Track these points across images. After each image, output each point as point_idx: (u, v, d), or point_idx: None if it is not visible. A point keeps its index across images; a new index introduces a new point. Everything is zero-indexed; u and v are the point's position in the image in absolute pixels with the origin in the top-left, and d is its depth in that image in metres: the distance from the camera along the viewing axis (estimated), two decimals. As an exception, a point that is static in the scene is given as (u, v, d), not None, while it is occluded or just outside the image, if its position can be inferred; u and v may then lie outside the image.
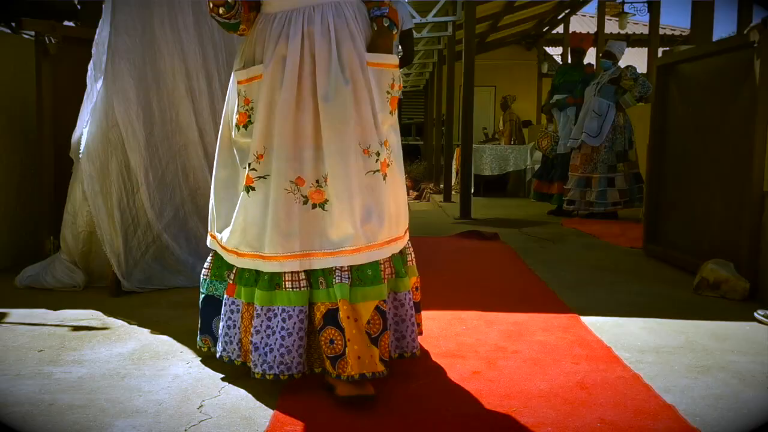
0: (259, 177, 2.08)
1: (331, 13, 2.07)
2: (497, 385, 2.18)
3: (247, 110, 2.14)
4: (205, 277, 2.35)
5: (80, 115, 3.38)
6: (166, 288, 3.51)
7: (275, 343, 2.04)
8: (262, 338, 2.06)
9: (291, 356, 2.04)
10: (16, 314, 3.01)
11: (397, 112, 2.22)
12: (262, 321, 2.07)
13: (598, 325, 2.93)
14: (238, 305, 2.17)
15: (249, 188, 2.10)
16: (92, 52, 3.31)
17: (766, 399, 2.12)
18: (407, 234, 2.33)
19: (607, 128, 6.88)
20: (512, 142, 11.78)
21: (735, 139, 3.71)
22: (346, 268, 2.06)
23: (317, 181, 2.06)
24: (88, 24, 5.01)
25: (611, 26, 14.57)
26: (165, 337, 2.70)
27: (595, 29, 13.19)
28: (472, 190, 7.95)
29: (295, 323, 2.05)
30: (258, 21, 2.16)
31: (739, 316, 3.11)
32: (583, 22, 17.00)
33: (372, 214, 2.08)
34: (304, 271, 2.07)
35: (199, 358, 2.44)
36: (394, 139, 2.22)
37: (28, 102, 4.01)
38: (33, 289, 3.47)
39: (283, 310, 2.05)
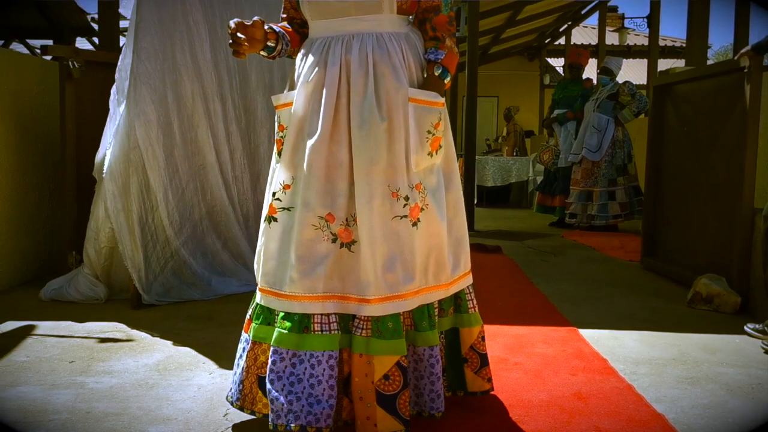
0: (283, 208, 1.97)
1: (371, 43, 1.97)
2: (500, 396, 2.34)
3: (281, 137, 2.05)
4: None
5: (103, 137, 3.56)
6: (182, 301, 3.67)
7: (303, 392, 1.87)
8: (285, 386, 1.88)
9: (321, 407, 1.86)
10: (44, 326, 3.18)
11: (443, 151, 2.07)
12: (286, 366, 1.89)
13: (596, 337, 3.09)
14: (248, 341, 2.03)
15: (271, 218, 2.00)
16: (115, 77, 3.50)
17: (751, 408, 2.28)
18: (462, 280, 2.17)
19: (606, 143, 7.04)
20: (515, 153, 11.95)
21: (727, 158, 3.87)
22: (364, 317, 1.93)
23: (347, 220, 1.94)
24: (104, 41, 5.22)
25: (612, 38, 14.75)
26: (187, 349, 2.87)
27: (596, 41, 13.39)
28: (475, 201, 8.11)
29: (324, 370, 1.88)
30: (303, 46, 2.10)
31: (730, 329, 3.27)
32: (584, 34, 17.19)
33: (396, 262, 1.93)
34: (335, 313, 1.94)
35: (221, 369, 2.61)
36: (434, 182, 2.04)
37: (50, 122, 4.21)
38: (57, 301, 3.65)
39: (312, 356, 1.89)
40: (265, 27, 2.03)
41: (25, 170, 4.13)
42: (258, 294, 2.04)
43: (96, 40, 8.47)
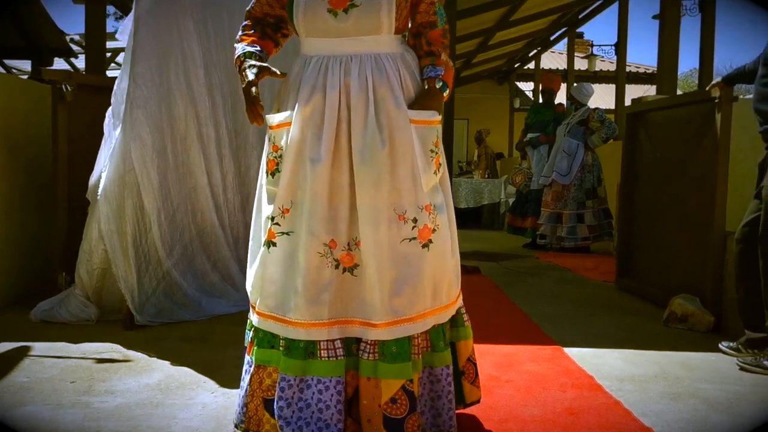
0: (283, 233, 1.96)
1: (369, 65, 1.96)
2: (496, 412, 2.44)
3: (275, 157, 2.02)
4: None
5: (98, 159, 3.61)
6: (174, 322, 3.71)
7: (311, 417, 1.90)
8: (294, 412, 1.91)
9: (330, 431, 1.91)
10: (39, 347, 3.20)
11: (442, 169, 2.09)
12: (294, 393, 1.92)
13: (580, 355, 3.21)
14: (250, 364, 2.05)
15: (270, 243, 1.98)
16: (111, 101, 3.56)
17: (732, 422, 2.42)
18: (458, 300, 2.19)
19: (576, 167, 7.25)
20: (487, 176, 12.17)
21: (699, 183, 4.06)
22: (370, 341, 1.94)
23: (348, 244, 1.94)
24: (91, 63, 5.27)
25: (580, 63, 15.13)
26: (186, 369, 2.92)
27: (565, 66, 13.74)
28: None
29: (332, 395, 1.91)
30: (295, 63, 2.07)
31: (706, 347, 3.42)
32: (553, 59, 17.59)
33: (404, 286, 1.93)
34: (340, 338, 1.96)
35: (223, 388, 2.67)
36: (440, 200, 2.04)
37: (42, 143, 4.23)
38: (47, 322, 3.66)
39: (319, 381, 1.92)
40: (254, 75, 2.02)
41: (13, 190, 4.15)
42: (256, 317, 2.03)
43: (74, 60, 8.49)
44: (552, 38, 13.23)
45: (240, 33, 2.16)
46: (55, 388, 2.65)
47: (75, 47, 7.86)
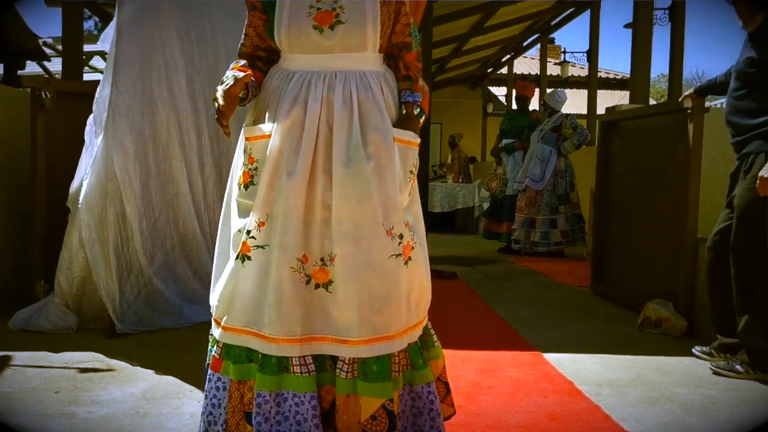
0: (258, 246, 1.91)
1: (354, 82, 1.94)
2: (480, 418, 2.49)
3: (250, 169, 1.97)
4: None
5: (78, 167, 3.60)
6: (155, 329, 3.71)
7: (290, 429, 1.90)
8: (272, 425, 1.90)
9: None
10: (20, 357, 3.18)
11: (414, 192, 2.08)
12: (271, 407, 1.91)
13: (559, 361, 3.28)
14: (225, 382, 1.99)
15: (244, 257, 1.92)
16: (93, 108, 3.55)
17: (708, 426, 2.50)
18: (425, 319, 2.12)
19: (549, 173, 7.36)
20: (461, 180, 12.28)
21: (672, 191, 4.16)
22: (348, 360, 1.90)
23: (322, 259, 1.90)
24: (69, 69, 5.22)
25: (552, 68, 15.34)
26: (170, 378, 2.92)
27: (537, 71, 13.93)
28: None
29: (308, 409, 1.89)
30: (273, 75, 2.01)
31: (680, 351, 3.51)
32: (525, 64, 17.78)
33: (386, 303, 1.90)
34: (312, 354, 1.93)
35: (209, 397, 2.68)
36: (412, 220, 2.03)
37: (19, 150, 4.19)
38: (26, 331, 3.63)
39: (295, 395, 1.90)
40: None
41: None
42: (226, 333, 1.97)
43: (47, 64, 8.37)
44: (525, 44, 13.40)
45: (230, 65, 2.08)
46: (39, 398, 2.64)
47: (48, 50, 7.78)
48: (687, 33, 7.66)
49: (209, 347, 2.08)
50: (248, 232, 1.92)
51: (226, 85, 1.90)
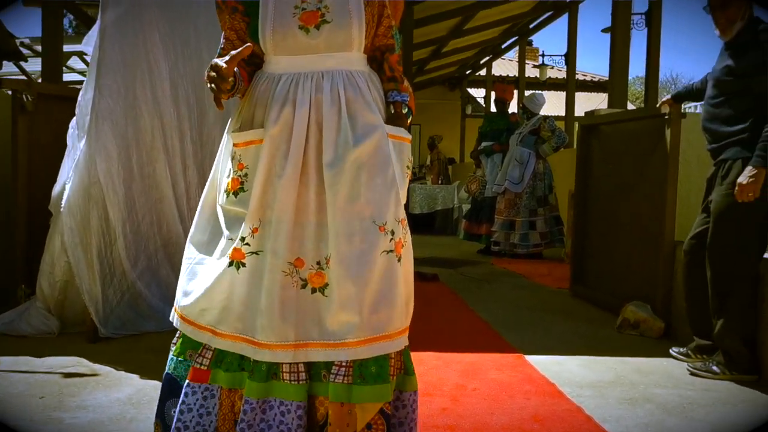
0: (252, 252, 1.88)
1: (341, 81, 1.92)
2: (465, 420, 2.53)
3: (239, 176, 1.93)
4: (170, 352, 2.07)
5: (61, 171, 3.58)
6: (138, 333, 3.70)
7: None
8: None
9: None
10: (3, 362, 3.16)
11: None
12: (257, 414, 1.85)
13: (541, 362, 3.33)
14: (212, 391, 1.93)
15: (239, 264, 1.88)
16: (76, 112, 3.54)
17: (687, 426, 2.57)
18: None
19: (528, 175, 7.44)
20: (440, 181, 12.34)
21: (650, 195, 4.24)
22: (345, 363, 1.85)
23: (318, 263, 1.87)
24: (48, 70, 5.19)
25: (531, 70, 15.47)
26: (155, 382, 2.91)
27: (516, 72, 14.05)
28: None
29: (293, 419, 1.84)
30: (259, 80, 1.98)
31: (658, 352, 3.58)
32: (503, 66, 17.91)
33: (383, 300, 1.86)
34: (305, 362, 1.88)
35: (195, 402, 2.68)
36: (406, 217, 1.99)
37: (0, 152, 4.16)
38: (7, 335, 3.60)
39: (281, 403, 1.85)
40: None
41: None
42: (221, 340, 1.92)
43: (24, 64, 8.29)
44: (503, 46, 13.51)
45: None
46: (25, 403, 2.63)
47: (25, 51, 7.68)
48: (663, 38, 7.80)
49: (174, 357, 2.02)
50: (242, 239, 1.88)
51: (223, 59, 1.81)
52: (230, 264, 1.88)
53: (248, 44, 1.85)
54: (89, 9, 7.44)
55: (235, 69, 1.91)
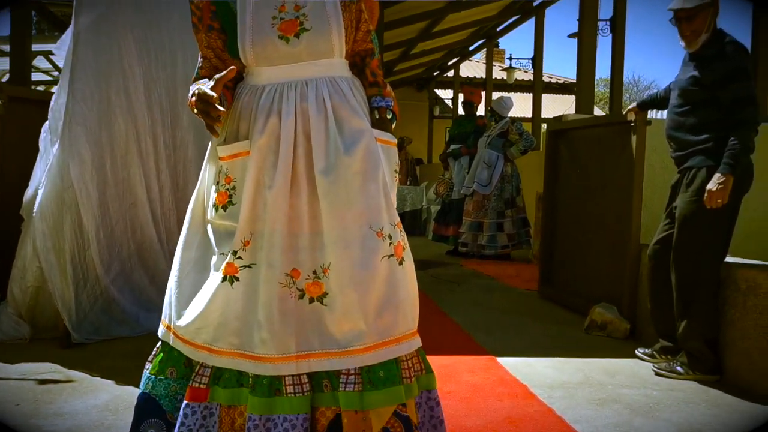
0: (245, 266, 1.87)
1: (326, 88, 1.92)
2: (440, 422, 2.59)
3: (227, 189, 1.91)
4: (145, 370, 2.04)
5: (33, 175, 3.56)
6: (112, 338, 3.69)
7: None
8: None
9: None
10: (-26, 369, 3.14)
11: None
12: None
13: (512, 364, 3.41)
14: (212, 410, 1.90)
15: (233, 278, 1.87)
16: (48, 116, 3.52)
17: (653, 425, 2.66)
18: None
19: (496, 178, 7.55)
20: (408, 182, 12.42)
21: (616, 199, 4.35)
22: (353, 371, 1.84)
23: (314, 272, 1.86)
24: (16, 74, 5.12)
25: (498, 72, 15.64)
26: (132, 388, 2.92)
27: (483, 74, 14.19)
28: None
29: None
30: (242, 91, 1.97)
31: (624, 353, 3.69)
32: (471, 67, 18.07)
33: (388, 305, 1.86)
34: (307, 372, 1.86)
35: (173, 407, 2.70)
36: (399, 220, 1.99)
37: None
38: (-23, 341, 3.57)
39: (285, 419, 1.82)
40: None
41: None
42: (218, 357, 1.90)
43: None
44: (471, 48, 13.64)
45: (191, 89, 1.96)
46: (0, 411, 2.62)
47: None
48: (627, 42, 7.97)
49: (152, 375, 1.99)
50: (234, 252, 1.87)
51: (207, 85, 1.82)
52: (224, 279, 1.87)
53: (232, 67, 1.85)
54: (54, 8, 7.35)
55: (227, 80, 1.89)
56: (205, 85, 1.83)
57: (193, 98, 1.86)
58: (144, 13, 3.76)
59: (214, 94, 1.79)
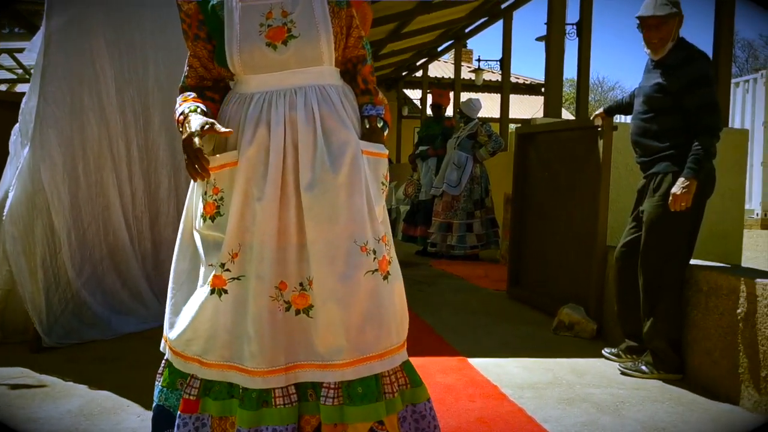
0: (233, 278, 1.87)
1: (315, 97, 1.90)
2: (414, 424, 2.64)
3: (215, 200, 1.92)
4: (157, 382, 2.08)
5: (3, 178, 3.53)
6: (83, 342, 3.67)
7: None
8: None
9: None
10: (-56, 374, 3.10)
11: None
12: None
13: (483, 365, 3.48)
14: (204, 420, 1.93)
15: (221, 291, 1.87)
16: (19, 119, 3.48)
17: (620, 424, 2.74)
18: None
19: (465, 179, 7.63)
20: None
21: (583, 201, 4.45)
22: (333, 385, 1.86)
23: (300, 284, 1.86)
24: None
25: (466, 72, 15.76)
26: (105, 393, 2.92)
27: (452, 75, 14.29)
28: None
29: None
30: (230, 101, 1.97)
31: (591, 353, 3.78)
32: (439, 68, 18.17)
33: (370, 321, 1.86)
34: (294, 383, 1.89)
35: (148, 411, 2.70)
36: (388, 233, 2.00)
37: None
38: (-54, 346, 3.52)
39: (274, 430, 1.84)
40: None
41: None
42: (208, 370, 1.92)
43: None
44: (439, 49, 13.73)
45: (178, 99, 2.01)
46: (-28, 418, 2.60)
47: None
48: (593, 46, 8.12)
49: (164, 387, 2.03)
50: (222, 265, 1.87)
51: (189, 133, 1.84)
52: (212, 292, 1.87)
53: (230, 130, 1.86)
54: (20, 5, 7.23)
55: (206, 109, 1.94)
56: (197, 130, 1.82)
57: (182, 129, 1.88)
58: (115, 15, 3.75)
59: (199, 144, 1.82)
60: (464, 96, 11.45)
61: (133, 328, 3.89)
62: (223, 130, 1.86)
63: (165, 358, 2.04)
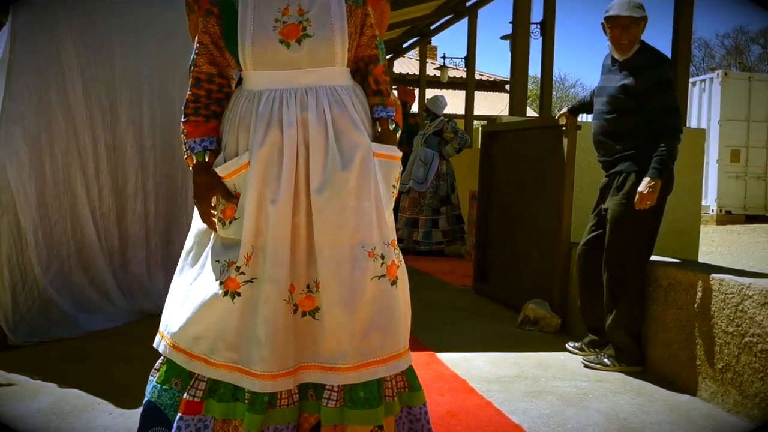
0: (247, 281, 1.85)
1: (326, 98, 1.87)
2: (385, 418, 2.69)
3: (235, 204, 1.91)
4: (151, 378, 2.03)
5: (-33, 176, 3.47)
6: (49, 340, 3.64)
7: None
8: None
9: None
10: None
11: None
12: None
13: (451, 360, 3.55)
14: (206, 422, 1.91)
15: (234, 294, 1.85)
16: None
17: (584, 415, 2.84)
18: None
19: (432, 175, 7.71)
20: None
21: (548, 198, 4.55)
22: (335, 387, 1.87)
23: (308, 287, 1.86)
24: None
25: (431, 69, 15.86)
26: (75, 391, 2.91)
27: (417, 71, 14.36)
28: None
29: None
30: (239, 99, 1.93)
31: (555, 347, 3.88)
32: (404, 64, 18.23)
33: (375, 326, 1.86)
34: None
35: (120, 409, 2.71)
36: (395, 237, 1.99)
37: None
38: None
39: (276, 429, 1.87)
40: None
41: None
42: (213, 370, 1.90)
43: None
44: (404, 46, 13.79)
45: (185, 116, 1.97)
46: (-61, 418, 2.58)
47: None
48: (556, 44, 8.26)
49: (158, 384, 1.99)
50: (237, 268, 1.85)
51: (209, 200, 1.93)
52: (225, 294, 1.86)
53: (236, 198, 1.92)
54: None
55: (215, 143, 1.97)
56: (206, 207, 1.94)
57: (187, 159, 1.96)
58: (81, 11, 3.72)
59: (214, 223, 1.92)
60: (429, 93, 11.55)
61: (100, 325, 3.87)
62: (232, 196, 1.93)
63: (162, 354, 2.00)
